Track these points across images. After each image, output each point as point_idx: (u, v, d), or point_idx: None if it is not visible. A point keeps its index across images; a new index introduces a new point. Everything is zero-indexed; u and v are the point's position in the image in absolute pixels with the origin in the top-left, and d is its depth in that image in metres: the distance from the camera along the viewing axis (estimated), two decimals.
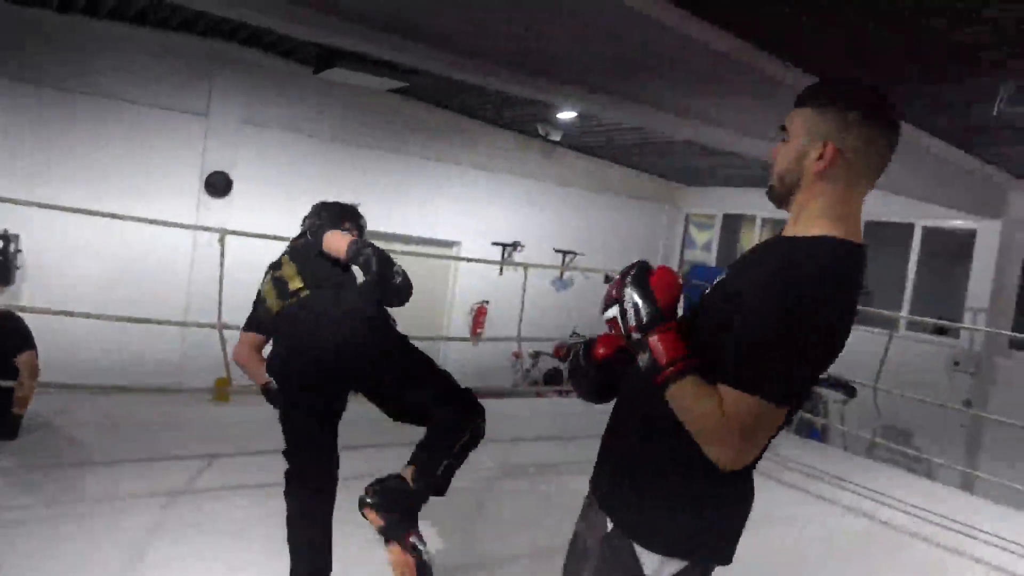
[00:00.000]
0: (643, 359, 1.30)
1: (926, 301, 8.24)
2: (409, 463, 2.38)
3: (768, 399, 1.21)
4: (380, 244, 2.62)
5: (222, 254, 4.56)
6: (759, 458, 1.33)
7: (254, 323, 2.74)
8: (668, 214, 11.03)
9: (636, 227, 10.64)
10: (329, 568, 2.49)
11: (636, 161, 9.91)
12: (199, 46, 6.99)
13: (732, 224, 10.59)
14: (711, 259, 10.49)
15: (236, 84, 7.27)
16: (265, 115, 7.52)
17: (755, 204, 10.04)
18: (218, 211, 7.21)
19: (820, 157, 1.31)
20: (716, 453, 1.25)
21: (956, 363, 7.68)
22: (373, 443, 3.16)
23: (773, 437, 1.30)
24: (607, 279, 10.18)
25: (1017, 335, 6.33)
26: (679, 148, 8.22)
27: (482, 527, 3.57)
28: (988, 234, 7.74)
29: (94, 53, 6.57)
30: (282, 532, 2.47)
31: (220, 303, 4.63)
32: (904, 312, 7.98)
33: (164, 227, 5.74)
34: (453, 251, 9.09)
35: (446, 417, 2.43)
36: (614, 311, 1.35)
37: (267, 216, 7.21)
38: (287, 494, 2.51)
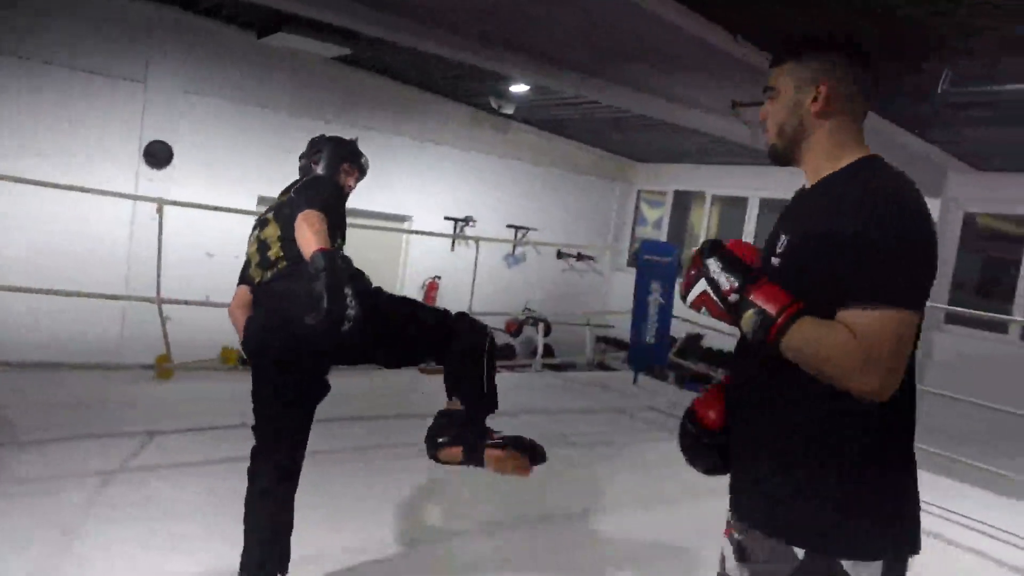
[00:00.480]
0: (749, 321, 1.25)
1: None
2: (450, 397, 2.29)
3: (904, 306, 1.20)
4: None
5: (160, 225, 4.39)
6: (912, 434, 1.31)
7: (245, 277, 2.52)
8: (620, 190, 11.06)
9: (588, 203, 10.65)
10: (287, 555, 2.36)
11: (589, 137, 9.89)
12: (135, 9, 6.68)
13: (683, 201, 10.69)
14: (662, 236, 10.57)
15: (176, 50, 6.97)
16: (207, 83, 7.24)
17: (705, 181, 10.15)
18: (159, 182, 6.94)
19: (815, 99, 1.37)
20: (863, 383, 1.19)
21: None
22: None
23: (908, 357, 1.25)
24: (560, 255, 10.20)
25: (953, 309, 6.55)
26: (631, 124, 8.22)
27: (434, 502, 3.56)
28: None
29: (23, 15, 6.22)
30: (225, 512, 2.39)
31: (159, 277, 4.47)
32: None
33: (102, 198, 5.53)
34: (404, 225, 8.97)
35: (454, 345, 2.31)
36: (701, 286, 1.32)
37: (211, 187, 7.00)
38: (250, 472, 2.35)
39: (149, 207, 5.37)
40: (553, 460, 2.11)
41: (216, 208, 5.48)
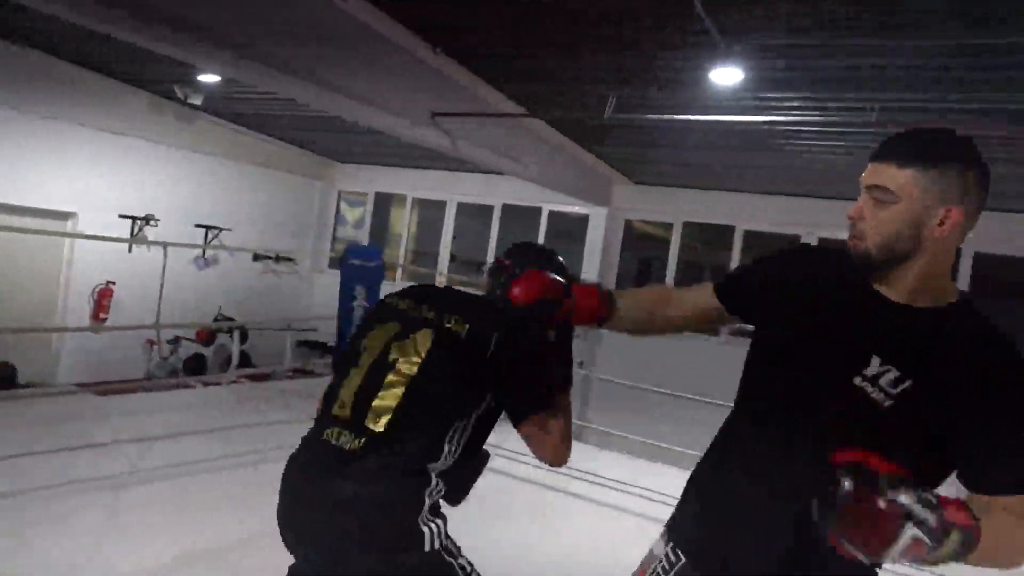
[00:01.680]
0: (953, 544, 0.99)
1: None
2: None
3: None
4: None
5: None
6: None
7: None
8: (321, 190, 10.85)
9: (287, 202, 10.28)
10: None
11: (287, 134, 9.54)
12: None
13: (383, 202, 10.85)
14: (363, 236, 10.61)
15: None
16: None
17: (407, 183, 10.43)
18: None
19: (941, 223, 1.17)
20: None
21: None
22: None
23: None
24: (256, 257, 9.66)
25: None
26: (331, 124, 8.09)
27: (122, 532, 3.16)
28: (597, 219, 9.12)
29: None
30: None
31: None
32: None
33: None
34: (68, 224, 7.81)
35: None
36: (911, 532, 0.97)
37: None
38: None
39: None
40: (253, 481, 2.00)
41: None
